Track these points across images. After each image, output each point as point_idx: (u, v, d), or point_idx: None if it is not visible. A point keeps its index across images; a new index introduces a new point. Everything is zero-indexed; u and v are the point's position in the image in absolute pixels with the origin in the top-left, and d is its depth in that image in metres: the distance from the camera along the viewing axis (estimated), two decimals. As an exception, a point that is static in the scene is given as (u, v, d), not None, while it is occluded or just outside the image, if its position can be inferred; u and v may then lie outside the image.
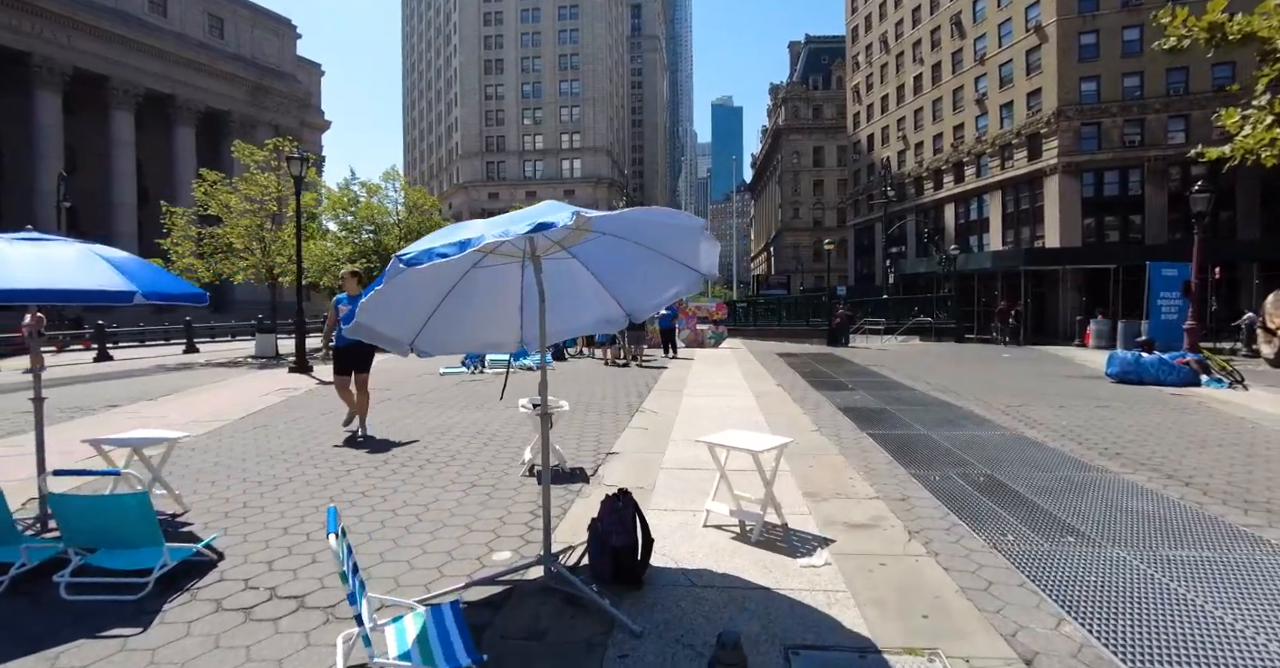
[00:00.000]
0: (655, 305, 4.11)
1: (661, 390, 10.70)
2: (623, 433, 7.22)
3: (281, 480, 5.47)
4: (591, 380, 12.26)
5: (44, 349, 26.22)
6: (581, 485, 5.21)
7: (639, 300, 4.01)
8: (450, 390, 10.94)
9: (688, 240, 3.38)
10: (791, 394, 10.16)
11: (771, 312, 26.83)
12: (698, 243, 3.39)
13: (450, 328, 3.83)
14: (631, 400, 9.66)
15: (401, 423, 8.01)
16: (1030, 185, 44.70)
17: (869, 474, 5.43)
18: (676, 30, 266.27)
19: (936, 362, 16.48)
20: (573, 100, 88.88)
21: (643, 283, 3.90)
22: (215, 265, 18.62)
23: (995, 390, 10.61)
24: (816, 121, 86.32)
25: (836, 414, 8.33)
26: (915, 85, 59.31)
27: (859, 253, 71.46)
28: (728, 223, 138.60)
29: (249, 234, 18.40)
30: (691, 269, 3.68)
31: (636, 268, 3.76)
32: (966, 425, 7.55)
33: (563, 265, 3.73)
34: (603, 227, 3.37)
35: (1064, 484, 5.09)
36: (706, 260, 3.61)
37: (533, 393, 9.59)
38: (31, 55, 44.93)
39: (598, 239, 3.52)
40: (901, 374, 13.08)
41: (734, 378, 12.33)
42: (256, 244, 18.84)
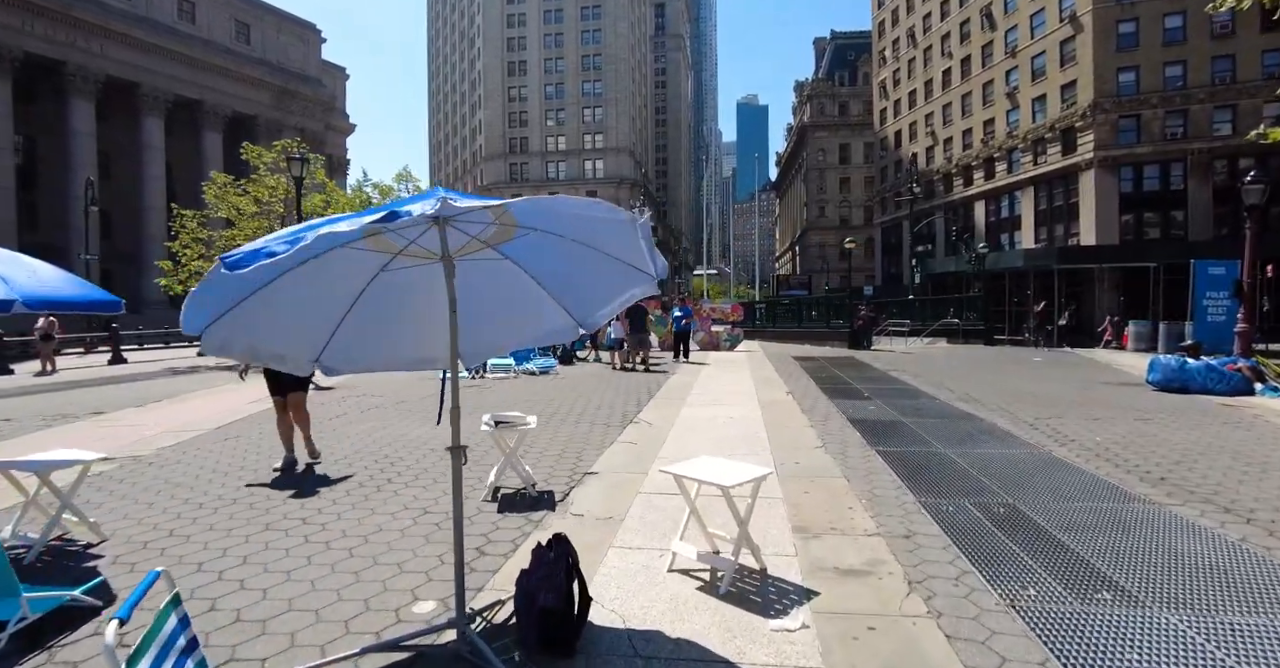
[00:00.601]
0: (607, 313, 3.53)
1: (663, 399, 10.10)
2: (608, 448, 6.65)
3: (224, 502, 5.01)
4: (592, 387, 11.71)
5: (72, 351, 26.58)
6: (545, 514, 4.64)
7: (588, 308, 3.43)
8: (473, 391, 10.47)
9: (625, 237, 2.80)
10: (801, 404, 9.48)
11: (791, 313, 25.98)
12: (637, 240, 2.81)
13: (365, 342, 3.29)
14: (628, 409, 9.08)
15: (378, 435, 7.54)
16: (1064, 181, 43.11)
17: (872, 503, 4.78)
18: (701, 29, 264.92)
19: (962, 366, 15.61)
20: (595, 101, 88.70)
21: (590, 288, 3.33)
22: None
23: (1023, 400, 9.80)
24: (842, 118, 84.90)
25: (846, 427, 7.65)
26: (944, 80, 57.79)
27: (886, 252, 69.93)
28: (752, 222, 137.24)
29: (257, 236, 18.22)
30: (641, 272, 3.10)
31: (581, 271, 3.19)
32: (989, 442, 6.82)
33: (495, 269, 3.17)
34: (525, 219, 2.81)
35: (1099, 519, 4.38)
36: (658, 262, 3.04)
37: (524, 402, 9.05)
38: (66, 64, 45.96)
39: (531, 237, 2.95)
40: (923, 381, 12.29)
41: (743, 385, 11.68)
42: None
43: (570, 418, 8.48)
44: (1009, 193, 49.02)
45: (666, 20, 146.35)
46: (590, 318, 3.49)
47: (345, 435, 7.45)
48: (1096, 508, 4.60)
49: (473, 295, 3.34)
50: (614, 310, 3.54)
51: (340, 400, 10.18)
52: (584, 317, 3.47)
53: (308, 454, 6.34)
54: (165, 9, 51.98)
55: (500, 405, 9.61)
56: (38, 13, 44.31)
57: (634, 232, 2.73)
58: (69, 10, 45.68)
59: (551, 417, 8.58)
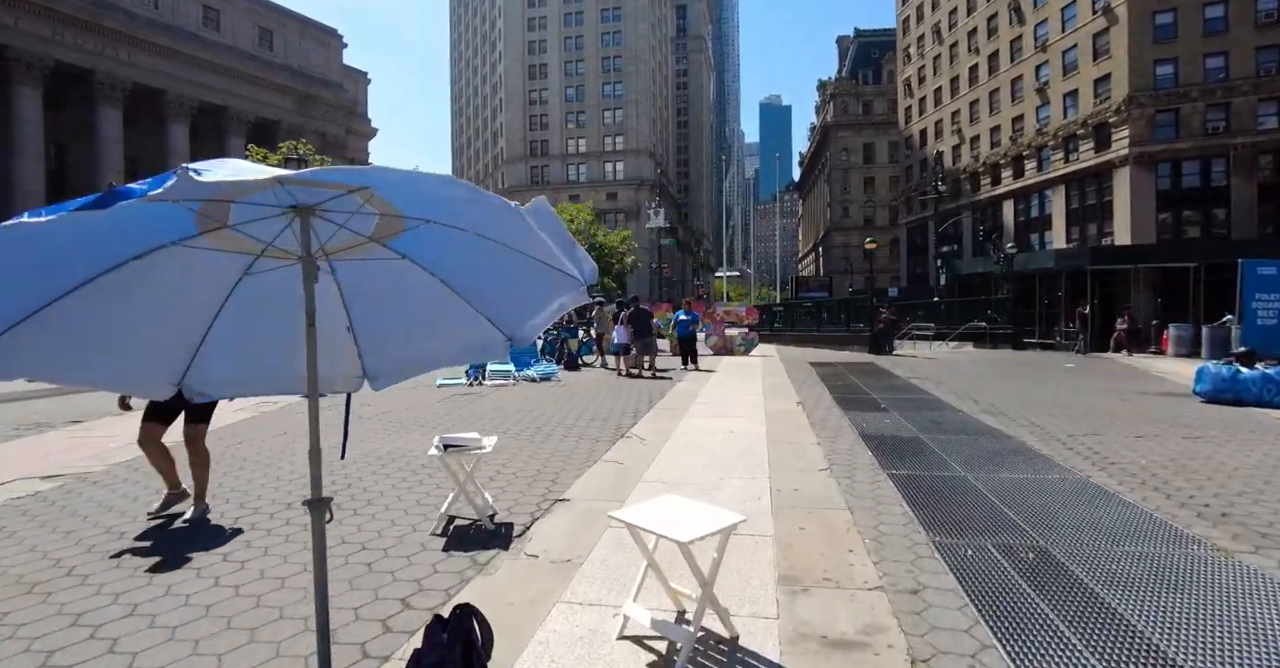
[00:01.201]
0: (538, 324, 2.90)
1: (663, 409, 9.45)
2: (590, 468, 6.02)
3: (96, 556, 4.39)
4: (591, 395, 11.11)
5: None
6: (496, 554, 4.03)
7: (514, 318, 2.82)
8: (432, 408, 9.95)
9: (525, 230, 2.17)
10: (811, 416, 8.77)
11: (810, 316, 25.11)
12: (536, 233, 2.18)
13: (246, 359, 2.72)
14: (623, 421, 8.45)
15: (348, 449, 7.00)
16: (1097, 179, 41.59)
17: (877, 542, 4.09)
18: (723, 30, 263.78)
19: (989, 373, 14.71)
20: (615, 102, 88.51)
21: (510, 294, 2.71)
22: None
23: (1055, 413, 8.97)
24: (866, 117, 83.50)
25: (857, 445, 6.93)
26: (970, 76, 56.35)
27: (912, 253, 68.46)
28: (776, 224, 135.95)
29: None
30: (566, 275, 2.48)
31: (496, 273, 2.57)
32: (1017, 465, 6.06)
33: (396, 272, 2.57)
34: (410, 207, 2.20)
35: (1152, 570, 3.64)
36: (585, 265, 2.43)
37: (515, 412, 8.46)
38: (94, 72, 46.77)
39: (427, 231, 2.35)
40: (946, 390, 11.47)
41: (751, 394, 10.98)
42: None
43: (558, 431, 7.88)
44: (1039, 192, 47.52)
45: (688, 22, 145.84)
46: (520, 331, 2.87)
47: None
48: (1147, 554, 3.85)
49: (372, 304, 2.74)
50: (545, 322, 2.92)
51: (321, 411, 9.70)
52: (513, 329, 2.85)
53: (192, 502, 4.94)
54: (191, 17, 52.77)
55: (488, 415, 9.05)
56: (67, 22, 45.16)
57: (523, 221, 2.10)
58: (98, 19, 46.51)
59: (539, 429, 7.99)
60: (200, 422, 5.01)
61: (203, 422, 5.02)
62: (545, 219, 2.12)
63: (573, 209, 30.52)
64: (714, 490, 5.24)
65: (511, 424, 8.38)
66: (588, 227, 30.51)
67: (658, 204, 30.38)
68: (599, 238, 30.67)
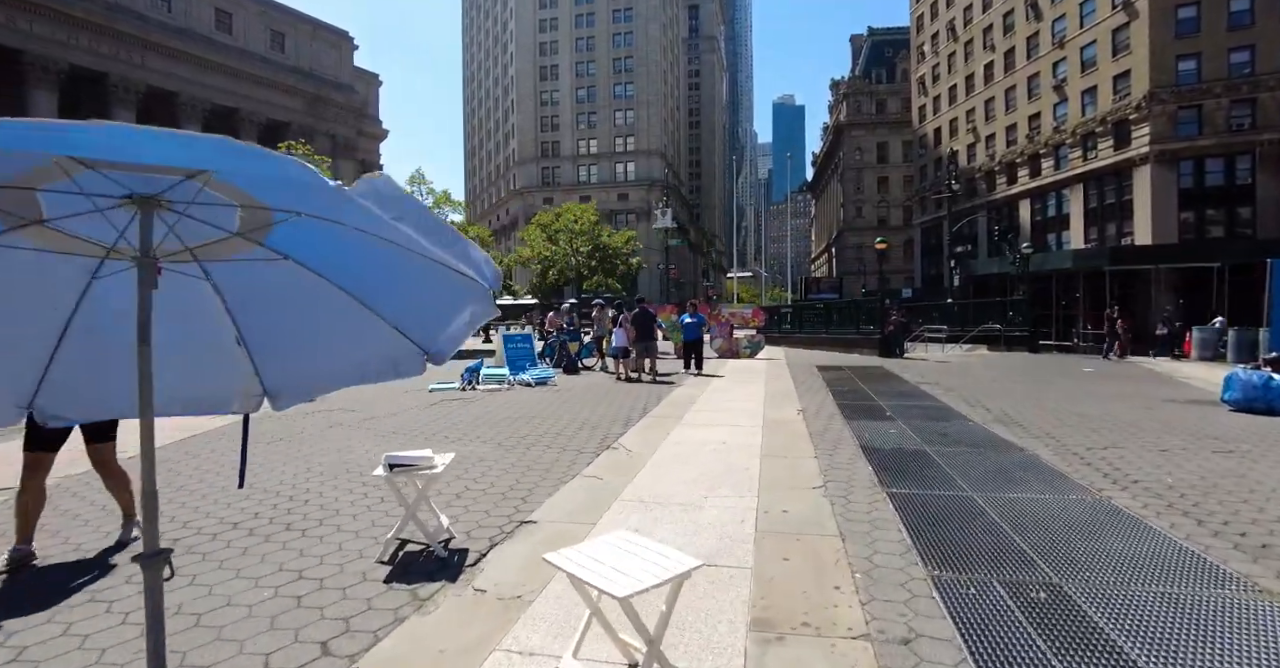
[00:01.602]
0: (454, 337, 2.49)
1: (657, 417, 9.02)
2: (566, 485, 5.61)
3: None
4: (584, 401, 10.70)
5: None
6: (441, 586, 3.62)
7: (425, 329, 2.41)
8: (418, 415, 9.58)
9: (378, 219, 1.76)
10: (811, 425, 8.30)
11: (820, 317, 24.54)
12: (397, 228, 1.77)
13: (109, 377, 2.33)
14: (612, 430, 8.03)
15: (314, 460, 6.64)
16: (1117, 177, 40.66)
17: (869, 577, 3.64)
18: (736, 31, 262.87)
19: (1003, 378, 14.12)
20: (626, 103, 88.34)
21: (413, 299, 2.31)
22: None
23: (1073, 423, 8.43)
24: (880, 116, 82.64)
25: (857, 459, 6.46)
26: (986, 74, 55.45)
27: (926, 253, 67.52)
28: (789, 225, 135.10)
29: None
30: (469, 277, 2.07)
31: (393, 275, 2.17)
32: (1030, 483, 5.57)
33: (277, 274, 2.17)
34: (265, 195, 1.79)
35: (1181, 615, 3.17)
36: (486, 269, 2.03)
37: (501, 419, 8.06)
38: (108, 76, 47.11)
39: (305, 228, 1.94)
40: (955, 397, 10.94)
41: (751, 400, 10.52)
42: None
43: (543, 440, 7.47)
44: (1056, 190, 46.60)
45: (700, 22, 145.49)
46: (435, 345, 2.46)
47: (287, 457, 6.56)
48: (1179, 597, 3.37)
49: (263, 313, 2.34)
50: (461, 334, 2.51)
51: (302, 417, 9.35)
52: (427, 342, 2.44)
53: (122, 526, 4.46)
54: (203, 20, 53.06)
55: (473, 422, 8.67)
56: (82, 26, 45.50)
57: (355, 205, 1.68)
58: (112, 23, 46.84)
59: (523, 438, 7.59)
60: (101, 440, 4.35)
61: (104, 440, 4.36)
62: (394, 205, 1.70)
63: (577, 209, 30.15)
64: (696, 512, 4.81)
65: (495, 432, 7.99)
66: (593, 227, 30.10)
67: (665, 204, 30.01)
68: (604, 238, 30.25)
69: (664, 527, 4.47)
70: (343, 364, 2.56)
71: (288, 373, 2.51)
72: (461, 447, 7.20)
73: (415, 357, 2.49)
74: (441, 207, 23.64)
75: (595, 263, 29.89)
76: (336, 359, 2.55)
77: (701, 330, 15.87)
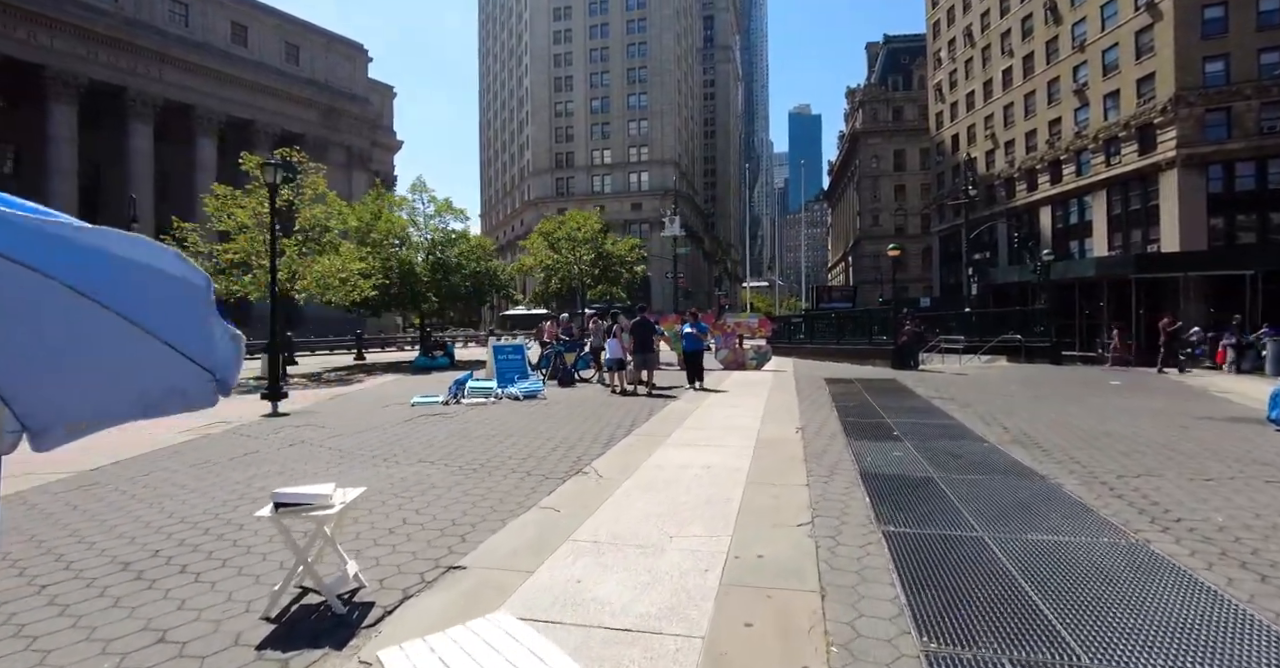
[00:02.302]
0: (225, 369, 1.86)
1: (643, 435, 8.32)
2: (516, 519, 4.93)
3: None
4: (568, 416, 10.01)
5: None
6: (322, 656, 2.96)
7: (200, 345, 1.78)
8: (389, 431, 8.97)
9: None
10: (809, 446, 7.55)
11: (831, 327, 23.67)
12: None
13: None
14: (590, 450, 7.35)
15: (255, 484, 6.03)
16: (1142, 182, 39.44)
17: (847, 652, 2.91)
18: (751, 41, 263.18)
19: (1023, 393, 13.22)
20: (640, 113, 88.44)
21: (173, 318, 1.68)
22: (225, 283, 17.70)
23: (1100, 444, 7.60)
24: (897, 124, 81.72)
25: (853, 488, 5.71)
26: (1004, 79, 54.43)
27: (945, 262, 66.27)
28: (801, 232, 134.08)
29: (251, 249, 17.43)
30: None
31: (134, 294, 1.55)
32: (1051, 520, 4.80)
33: None
34: None
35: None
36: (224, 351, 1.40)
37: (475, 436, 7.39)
38: (127, 89, 47.67)
39: None
40: (971, 413, 10.11)
41: (748, 416, 9.78)
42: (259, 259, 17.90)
43: (509, 463, 6.81)
44: (1078, 197, 45.38)
45: (715, 32, 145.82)
46: (228, 372, 1.82)
47: (229, 482, 5.96)
48: (1244, 686, 2.61)
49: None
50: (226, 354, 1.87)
51: (272, 433, 8.79)
52: (211, 362, 1.81)
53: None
54: (220, 33, 53.68)
55: (442, 442, 8.02)
56: (101, 41, 46.12)
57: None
58: (131, 38, 47.45)
59: (488, 461, 6.93)
60: None
61: None
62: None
63: (580, 217, 29.61)
64: (655, 556, 4.11)
65: (463, 453, 7.35)
66: (596, 235, 29.53)
67: (674, 211, 29.34)
68: (607, 246, 29.65)
69: (612, 577, 3.77)
70: (115, 395, 1.92)
71: (48, 406, 1.89)
72: (420, 469, 6.56)
73: (206, 385, 1.85)
74: (443, 214, 23.19)
75: (599, 271, 29.26)
76: (107, 389, 1.91)
77: (703, 341, 14.93)
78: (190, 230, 18.38)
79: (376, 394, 13.88)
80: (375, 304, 21.51)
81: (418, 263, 21.56)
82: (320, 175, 19.70)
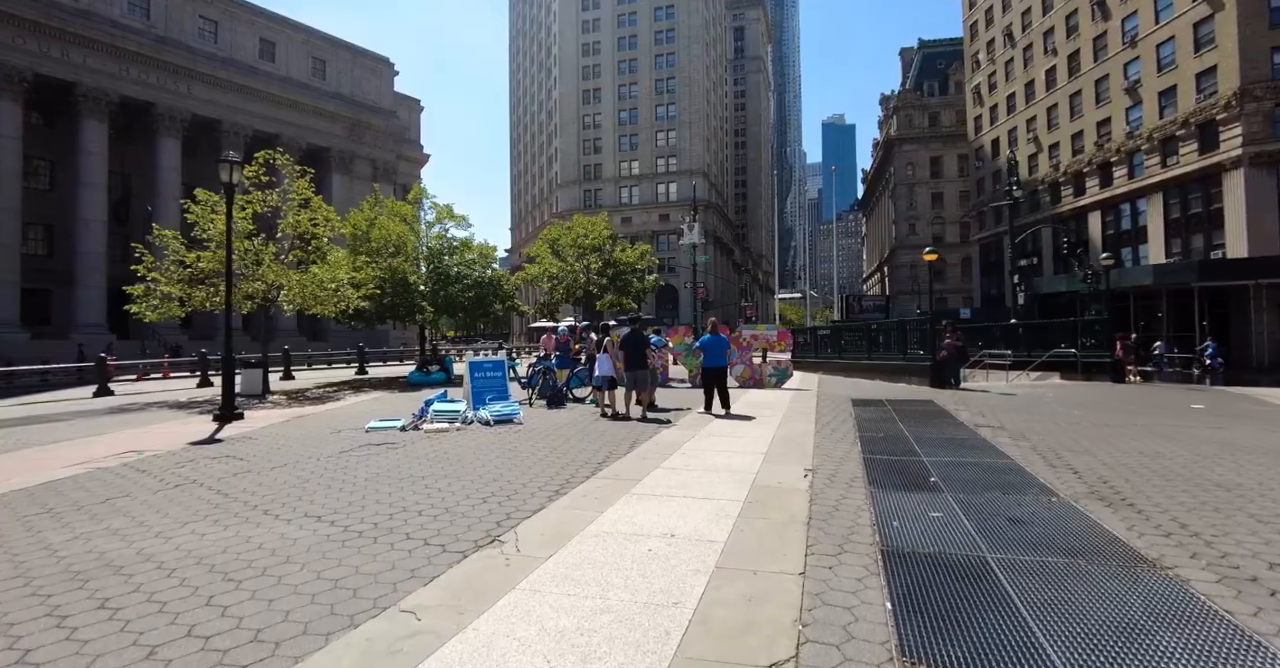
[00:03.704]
0: None
1: (606, 479, 6.60)
2: (355, 630, 3.28)
3: None
4: (532, 451, 8.32)
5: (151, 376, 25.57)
6: None
7: None
8: (303, 468, 7.41)
9: None
10: (817, 500, 5.75)
11: (862, 340, 21.59)
12: None
13: None
14: (529, 502, 5.66)
15: (69, 548, 4.49)
16: (1203, 184, 36.53)
17: None
18: (783, 51, 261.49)
19: (1088, 418, 11.10)
20: (669, 124, 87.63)
21: None
22: (195, 294, 16.56)
23: (1218, 500, 5.62)
24: (933, 130, 79.01)
25: (869, 579, 3.91)
26: (1047, 80, 51.76)
27: (986, 272, 63.26)
28: (833, 243, 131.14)
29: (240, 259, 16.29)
30: None
31: None
32: (1191, 648, 2.96)
33: None
34: None
35: None
36: None
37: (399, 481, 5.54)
38: (155, 105, 48.13)
39: None
40: (1028, 447, 8.16)
41: (750, 453, 7.98)
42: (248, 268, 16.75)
43: (411, 522, 5.15)
44: (1131, 201, 42.47)
45: (746, 43, 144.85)
46: None
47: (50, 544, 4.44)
48: None
49: None
50: None
51: (175, 468, 7.30)
52: None
53: None
54: (247, 49, 54.13)
55: (359, 486, 6.40)
56: (131, 58, 46.65)
57: None
58: (160, 55, 47.98)
59: (390, 518, 5.28)
60: None
61: None
62: None
63: (587, 223, 28.03)
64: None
65: (366, 504, 5.74)
66: (604, 242, 27.87)
67: (693, 218, 27.70)
68: (616, 254, 28.00)
69: None
70: None
71: None
72: (296, 529, 4.97)
73: None
74: (444, 221, 21.92)
75: (606, 280, 27.60)
76: None
77: (726, 354, 12.51)
78: (171, 238, 17.32)
79: (344, 415, 12.44)
80: (369, 316, 20.27)
81: (410, 272, 20.26)
82: (306, 180, 18.55)
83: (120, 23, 46.98)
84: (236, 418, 11.74)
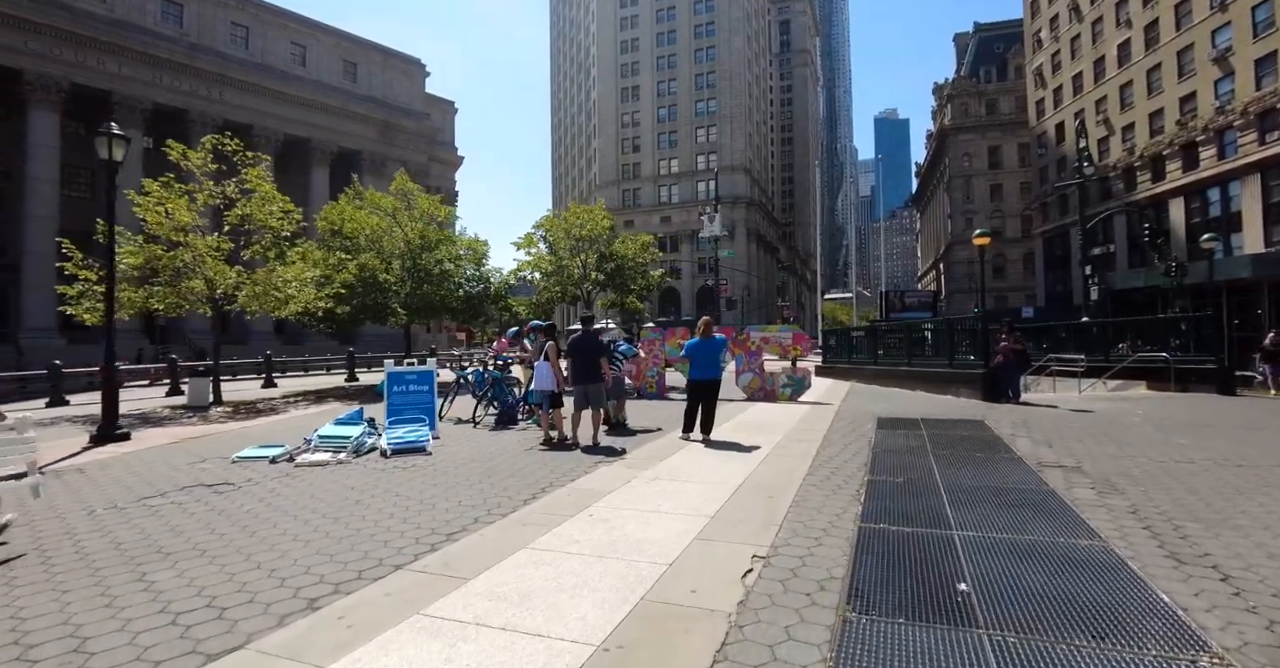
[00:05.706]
0: None
1: (426, 576, 4.13)
2: None
3: None
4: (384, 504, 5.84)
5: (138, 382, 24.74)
6: None
7: None
8: (78, 523, 5.21)
9: None
10: (735, 646, 3.17)
11: (901, 342, 18.41)
12: None
13: None
14: (298, 602, 3.29)
15: None
16: (1314, 160, 31.77)
17: None
18: (833, 45, 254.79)
19: (1204, 453, 7.98)
20: (709, 120, 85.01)
21: None
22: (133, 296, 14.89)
23: None
24: (990, 118, 73.93)
25: None
26: (1120, 55, 46.97)
27: (1050, 267, 58.31)
28: (893, 242, 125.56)
29: (159, 253, 14.59)
30: None
31: None
32: None
33: None
34: None
35: None
36: None
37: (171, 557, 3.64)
38: (188, 112, 48.29)
39: None
40: (1126, 513, 5.32)
41: (686, 517, 5.36)
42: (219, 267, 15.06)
43: (111, 650, 2.85)
44: (1221, 184, 37.67)
45: (792, 36, 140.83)
46: None
47: None
48: None
49: None
50: None
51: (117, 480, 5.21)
52: None
53: None
54: (279, 54, 54.02)
55: (106, 554, 4.10)
56: (165, 66, 46.87)
57: None
58: (193, 62, 48.10)
59: (16, 658, 3.00)
60: None
61: None
62: None
63: (582, 212, 25.47)
64: None
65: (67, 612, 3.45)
66: (603, 234, 25.20)
67: (714, 209, 25.04)
68: (615, 247, 25.33)
69: None
70: None
71: None
72: None
73: None
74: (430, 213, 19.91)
75: (605, 276, 25.00)
76: None
77: (721, 361, 9.70)
78: (118, 233, 15.72)
79: (256, 434, 10.36)
80: (342, 319, 18.39)
81: (379, 269, 18.25)
82: (262, 167, 16.76)
83: (153, 31, 47.26)
84: (120, 439, 9.79)
